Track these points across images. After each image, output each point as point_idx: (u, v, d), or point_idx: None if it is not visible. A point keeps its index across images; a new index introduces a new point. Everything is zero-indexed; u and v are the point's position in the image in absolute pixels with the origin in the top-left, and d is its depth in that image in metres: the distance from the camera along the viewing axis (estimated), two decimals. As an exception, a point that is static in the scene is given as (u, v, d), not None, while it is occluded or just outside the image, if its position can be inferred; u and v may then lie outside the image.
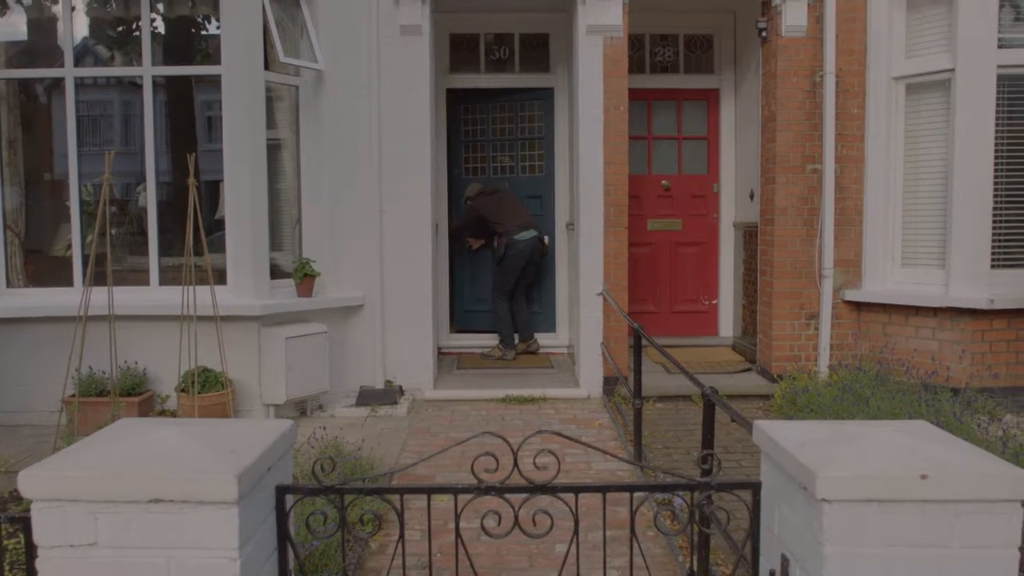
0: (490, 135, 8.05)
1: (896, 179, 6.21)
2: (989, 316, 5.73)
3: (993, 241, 5.76)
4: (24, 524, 1.81)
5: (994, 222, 5.75)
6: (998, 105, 5.68)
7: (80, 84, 5.94)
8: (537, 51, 7.77)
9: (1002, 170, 5.78)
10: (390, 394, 6.17)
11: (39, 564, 1.78)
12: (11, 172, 6.09)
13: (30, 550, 1.82)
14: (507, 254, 7.27)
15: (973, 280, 5.70)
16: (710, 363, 7.06)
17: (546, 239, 7.59)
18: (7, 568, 2.72)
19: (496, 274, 7.46)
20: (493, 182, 8.02)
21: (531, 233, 7.30)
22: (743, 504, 2.14)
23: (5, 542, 2.49)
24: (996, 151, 5.70)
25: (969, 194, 5.69)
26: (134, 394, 5.45)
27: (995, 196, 5.74)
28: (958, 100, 5.70)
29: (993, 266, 5.76)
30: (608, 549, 2.25)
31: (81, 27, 6.05)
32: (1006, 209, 5.82)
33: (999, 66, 5.65)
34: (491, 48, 7.79)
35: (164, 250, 5.96)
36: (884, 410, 4.77)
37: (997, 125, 5.69)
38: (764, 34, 6.57)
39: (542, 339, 7.79)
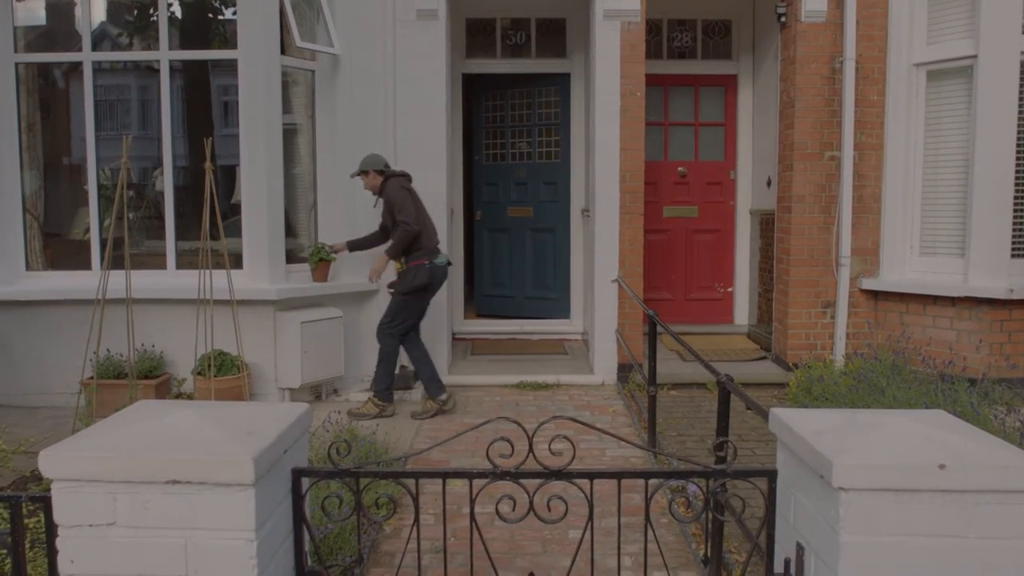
0: (506, 121, 8.02)
1: (915, 167, 6.14)
2: (1008, 306, 5.67)
3: (1014, 230, 5.69)
4: (45, 503, 1.83)
5: (1015, 211, 5.68)
6: (1021, 92, 5.60)
7: (98, 68, 5.96)
8: (553, 36, 7.73)
9: (1024, 158, 5.71)
10: (404, 379, 6.19)
11: (59, 543, 1.81)
12: (30, 156, 6.13)
13: (50, 529, 1.84)
14: (426, 282, 5.50)
15: (992, 270, 5.64)
16: (725, 351, 7.04)
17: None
18: (28, 546, 2.76)
19: (399, 305, 5.54)
20: (510, 169, 8.00)
21: (446, 258, 5.73)
22: (758, 492, 2.14)
23: (26, 521, 2.53)
24: (1018, 139, 5.63)
25: (990, 183, 5.62)
26: (151, 377, 5.50)
27: (1016, 185, 5.67)
28: (980, 87, 5.63)
29: (1013, 255, 5.69)
30: (621, 535, 2.25)
31: (99, 11, 6.07)
32: (1027, 198, 5.76)
33: (1023, 52, 5.57)
34: (507, 33, 7.75)
35: (181, 234, 5.99)
36: (900, 400, 4.74)
37: (1020, 112, 5.62)
38: (783, 19, 6.50)
39: (557, 325, 7.80)
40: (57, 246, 6.28)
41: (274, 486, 1.91)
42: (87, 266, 5.96)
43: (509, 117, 8.01)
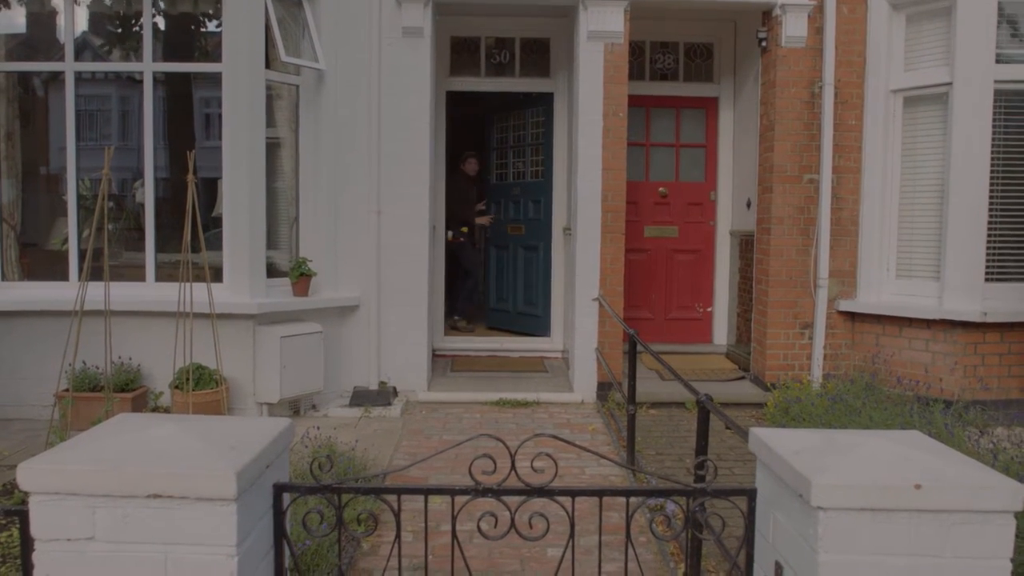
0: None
1: (892, 191, 6.24)
2: (982, 329, 5.76)
3: (988, 254, 5.79)
4: (21, 517, 1.81)
5: (989, 235, 5.78)
6: (995, 119, 5.72)
7: (79, 78, 5.92)
8: (538, 56, 7.79)
9: (998, 184, 5.81)
10: (384, 395, 6.17)
11: (36, 557, 1.79)
12: (8, 165, 6.07)
13: (26, 543, 1.82)
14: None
15: (967, 293, 5.73)
16: (704, 370, 7.08)
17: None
18: (0, 561, 2.70)
19: None
20: (508, 188, 8.18)
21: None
22: (737, 511, 2.16)
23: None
24: (992, 165, 5.74)
25: (964, 207, 5.73)
26: (127, 390, 5.44)
27: (990, 210, 5.77)
28: (955, 114, 5.74)
29: (987, 279, 5.79)
30: (601, 554, 2.26)
31: (81, 21, 6.04)
32: (1001, 223, 5.86)
33: (996, 81, 5.69)
34: (492, 52, 7.80)
35: (161, 246, 5.95)
36: (876, 420, 4.79)
37: (994, 139, 5.73)
38: (764, 44, 6.59)
39: (537, 343, 7.82)
40: (34, 256, 6.21)
41: (256, 501, 1.90)
42: (64, 277, 5.90)
43: (500, 138, 8.08)
